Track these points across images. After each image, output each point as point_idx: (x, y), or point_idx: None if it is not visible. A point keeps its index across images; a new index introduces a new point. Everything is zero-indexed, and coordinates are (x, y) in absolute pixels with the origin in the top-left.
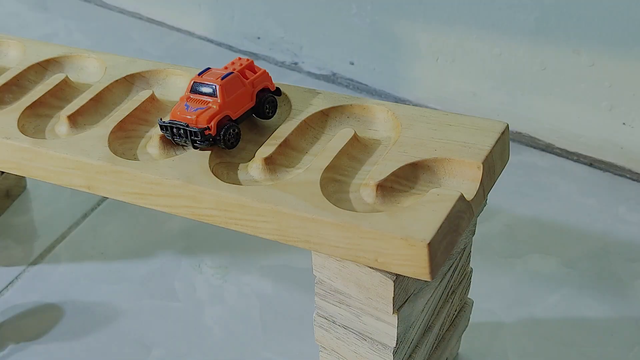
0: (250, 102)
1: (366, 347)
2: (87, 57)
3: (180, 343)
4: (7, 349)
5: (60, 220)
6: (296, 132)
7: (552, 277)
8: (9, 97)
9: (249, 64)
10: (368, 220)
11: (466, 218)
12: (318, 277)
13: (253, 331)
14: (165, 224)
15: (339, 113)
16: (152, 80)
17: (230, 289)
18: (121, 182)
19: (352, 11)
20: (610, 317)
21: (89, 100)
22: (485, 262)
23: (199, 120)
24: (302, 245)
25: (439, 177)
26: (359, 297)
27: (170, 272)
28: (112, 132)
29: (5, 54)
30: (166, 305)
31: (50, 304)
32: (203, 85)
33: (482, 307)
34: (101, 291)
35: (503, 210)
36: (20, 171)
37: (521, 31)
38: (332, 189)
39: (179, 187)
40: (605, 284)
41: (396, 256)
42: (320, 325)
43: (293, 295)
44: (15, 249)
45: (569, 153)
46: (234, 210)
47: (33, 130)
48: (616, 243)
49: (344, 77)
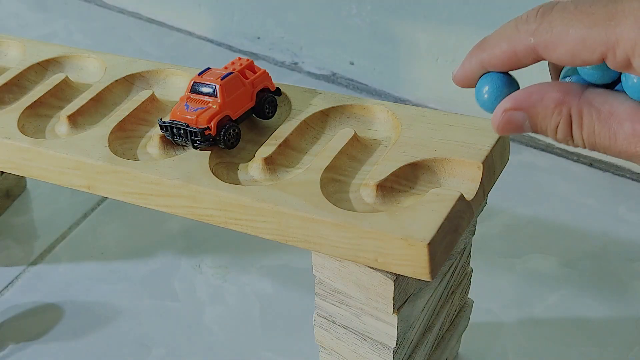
0: (250, 102)
1: (366, 347)
2: (87, 57)
3: (180, 343)
4: (7, 349)
5: (60, 220)
6: (296, 132)
7: (552, 277)
8: (9, 97)
9: (249, 64)
10: (368, 220)
11: (466, 218)
12: (318, 277)
13: (253, 331)
14: (165, 224)
15: (339, 113)
16: (152, 80)
17: (230, 289)
18: (121, 182)
19: (352, 11)
20: (610, 317)
21: (89, 100)
22: (485, 262)
23: (199, 120)
24: (302, 245)
25: (439, 177)
26: (359, 297)
27: (170, 272)
28: (112, 132)
29: (5, 54)
30: (166, 305)
31: (50, 304)
32: (203, 85)
33: (482, 307)
34: (101, 291)
35: (503, 210)
36: (20, 171)
37: None
38: (332, 189)
39: (179, 187)
40: (605, 284)
41: (396, 256)
42: (320, 325)
43: (293, 295)
44: (15, 249)
45: (569, 153)
46: (234, 210)
47: (33, 130)
48: (616, 243)
49: (344, 77)
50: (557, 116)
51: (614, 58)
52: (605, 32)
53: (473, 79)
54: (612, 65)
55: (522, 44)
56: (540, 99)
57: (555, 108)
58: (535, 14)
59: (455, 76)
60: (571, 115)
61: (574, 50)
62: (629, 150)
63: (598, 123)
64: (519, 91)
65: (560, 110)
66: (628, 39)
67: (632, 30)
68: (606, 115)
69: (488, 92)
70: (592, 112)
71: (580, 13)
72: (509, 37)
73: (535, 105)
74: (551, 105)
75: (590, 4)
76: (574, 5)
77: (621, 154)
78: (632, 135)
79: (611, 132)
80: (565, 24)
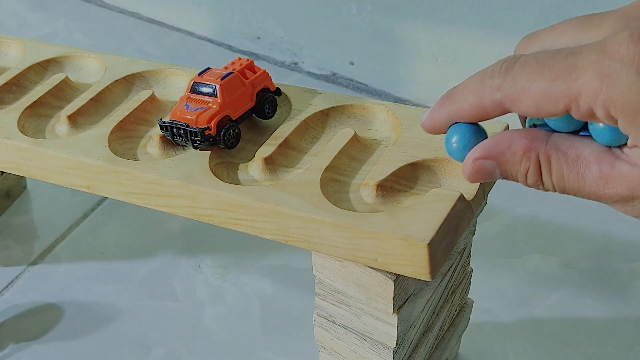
0: (250, 102)
1: (366, 347)
2: (87, 57)
3: (180, 343)
4: (7, 349)
5: (60, 220)
6: (296, 132)
7: (552, 277)
8: (9, 97)
9: (249, 64)
10: (368, 220)
11: (466, 218)
12: (318, 277)
13: (253, 331)
14: (165, 224)
15: (339, 113)
16: (152, 80)
17: (230, 289)
18: (121, 182)
19: (352, 11)
20: (610, 317)
21: (89, 100)
22: (485, 262)
23: (199, 120)
24: (302, 245)
25: (439, 177)
26: (359, 297)
27: (170, 272)
28: (112, 132)
29: (5, 54)
30: (166, 305)
31: (50, 304)
32: (203, 85)
33: (482, 307)
34: (101, 291)
35: (503, 210)
36: (20, 171)
37: (521, 31)
38: (332, 189)
39: (178, 187)
40: (605, 284)
41: (396, 256)
42: (320, 325)
43: (293, 295)
44: (15, 249)
45: None
46: (234, 210)
47: (33, 130)
48: (616, 243)
49: (344, 77)
50: (525, 162)
51: (577, 109)
52: (567, 85)
53: (442, 127)
54: (576, 116)
55: (488, 98)
56: (508, 146)
57: (524, 155)
58: (499, 69)
59: (424, 124)
60: (540, 161)
61: (538, 103)
62: (597, 192)
63: (566, 167)
64: (487, 140)
65: (528, 156)
66: (589, 91)
67: (592, 83)
68: (573, 159)
69: (457, 141)
70: (560, 157)
71: (542, 67)
72: (476, 91)
73: (504, 153)
74: (519, 152)
75: (551, 57)
76: (535, 59)
77: (591, 195)
78: (599, 178)
79: (579, 175)
80: (529, 79)
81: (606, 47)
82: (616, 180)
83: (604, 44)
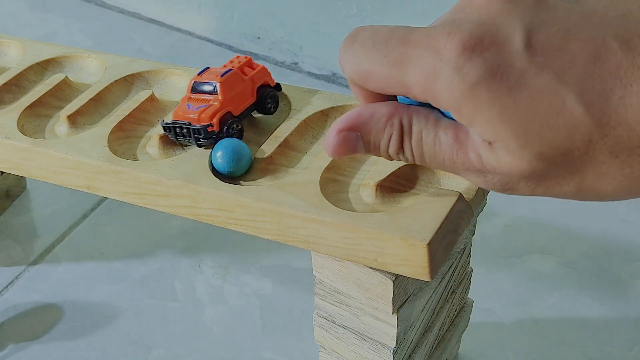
0: (251, 98)
1: (366, 347)
2: (87, 57)
3: (180, 343)
4: (7, 349)
5: (60, 220)
6: (296, 132)
7: (552, 277)
8: (8, 97)
9: (248, 61)
10: (368, 220)
11: (466, 218)
12: (318, 277)
13: (253, 331)
14: (165, 224)
15: (339, 113)
16: (152, 80)
17: (230, 289)
18: (121, 182)
19: (352, 11)
20: (610, 317)
21: (89, 100)
22: (485, 262)
23: (201, 117)
24: (302, 245)
25: (438, 177)
26: (359, 297)
27: (170, 272)
28: (112, 132)
29: (5, 54)
30: (166, 305)
31: (50, 304)
32: (203, 84)
33: (482, 307)
34: (101, 291)
35: (503, 210)
36: (20, 171)
37: None
38: (331, 189)
39: (178, 187)
40: (605, 284)
41: (396, 256)
42: (320, 325)
43: (293, 295)
44: (15, 249)
45: None
46: (234, 210)
47: (33, 130)
48: (616, 243)
49: (344, 77)
50: (389, 128)
51: (414, 96)
52: (400, 76)
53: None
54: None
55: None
56: (371, 115)
57: (387, 121)
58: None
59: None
60: (402, 126)
61: (381, 85)
62: (451, 156)
63: (425, 130)
64: (350, 112)
65: (392, 122)
66: (417, 85)
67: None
68: (433, 123)
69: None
70: (421, 119)
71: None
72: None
73: (368, 122)
74: (383, 118)
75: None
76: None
77: (445, 161)
78: (455, 142)
79: (437, 138)
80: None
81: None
82: (470, 147)
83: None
